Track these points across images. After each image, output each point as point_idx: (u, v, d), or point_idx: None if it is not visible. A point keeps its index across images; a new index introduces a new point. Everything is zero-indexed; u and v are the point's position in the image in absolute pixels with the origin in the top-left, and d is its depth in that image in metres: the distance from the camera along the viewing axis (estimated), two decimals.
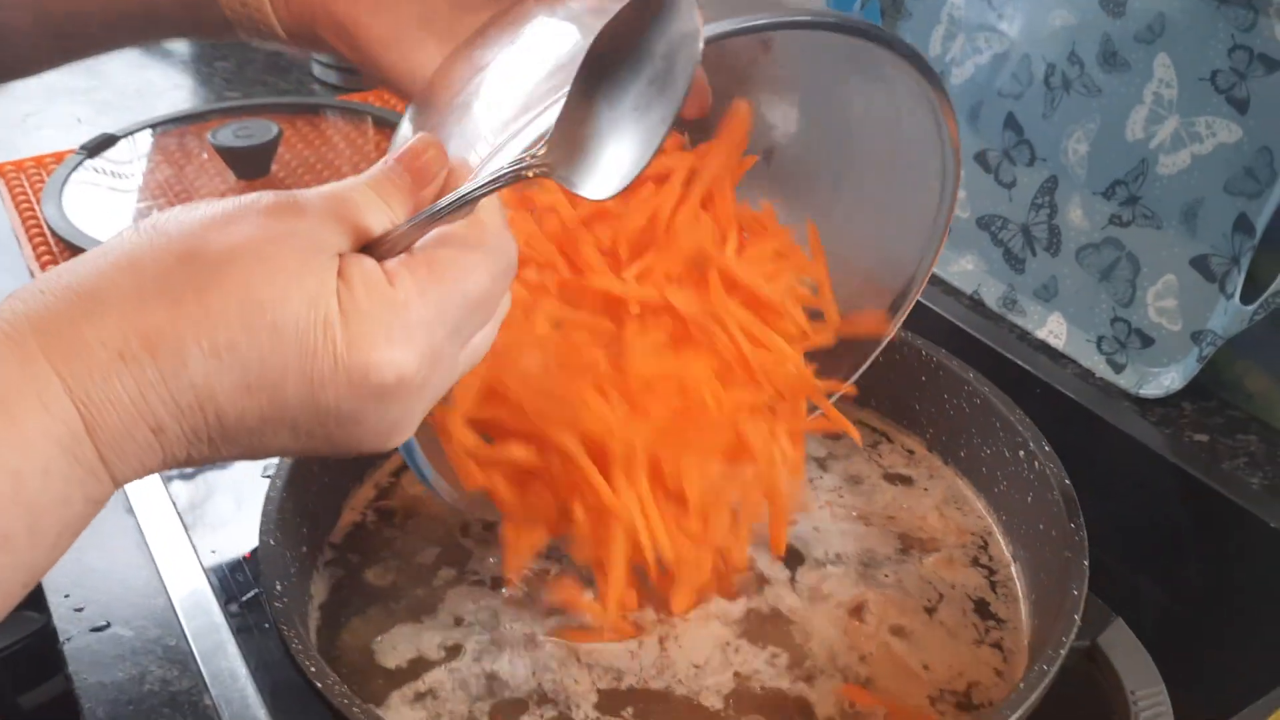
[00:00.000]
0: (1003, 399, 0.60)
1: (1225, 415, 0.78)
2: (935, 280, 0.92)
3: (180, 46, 1.29)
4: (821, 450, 0.67)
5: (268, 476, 0.58)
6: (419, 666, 0.54)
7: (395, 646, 0.55)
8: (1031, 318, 0.86)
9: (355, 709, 0.45)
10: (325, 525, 0.61)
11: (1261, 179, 0.73)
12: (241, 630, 0.59)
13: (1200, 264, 0.77)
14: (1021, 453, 0.58)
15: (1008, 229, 0.88)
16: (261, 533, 0.54)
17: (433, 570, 0.60)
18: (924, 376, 0.65)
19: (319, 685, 0.47)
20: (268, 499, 0.55)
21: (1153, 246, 0.79)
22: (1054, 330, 0.85)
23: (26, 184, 0.99)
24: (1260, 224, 0.73)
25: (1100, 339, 0.82)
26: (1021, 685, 0.46)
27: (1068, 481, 0.55)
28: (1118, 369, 0.81)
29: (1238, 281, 0.74)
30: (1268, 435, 0.76)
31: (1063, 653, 0.47)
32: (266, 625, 0.59)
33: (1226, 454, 0.75)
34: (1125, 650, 0.49)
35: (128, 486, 0.44)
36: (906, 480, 0.65)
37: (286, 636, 0.49)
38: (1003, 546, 0.60)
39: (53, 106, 1.16)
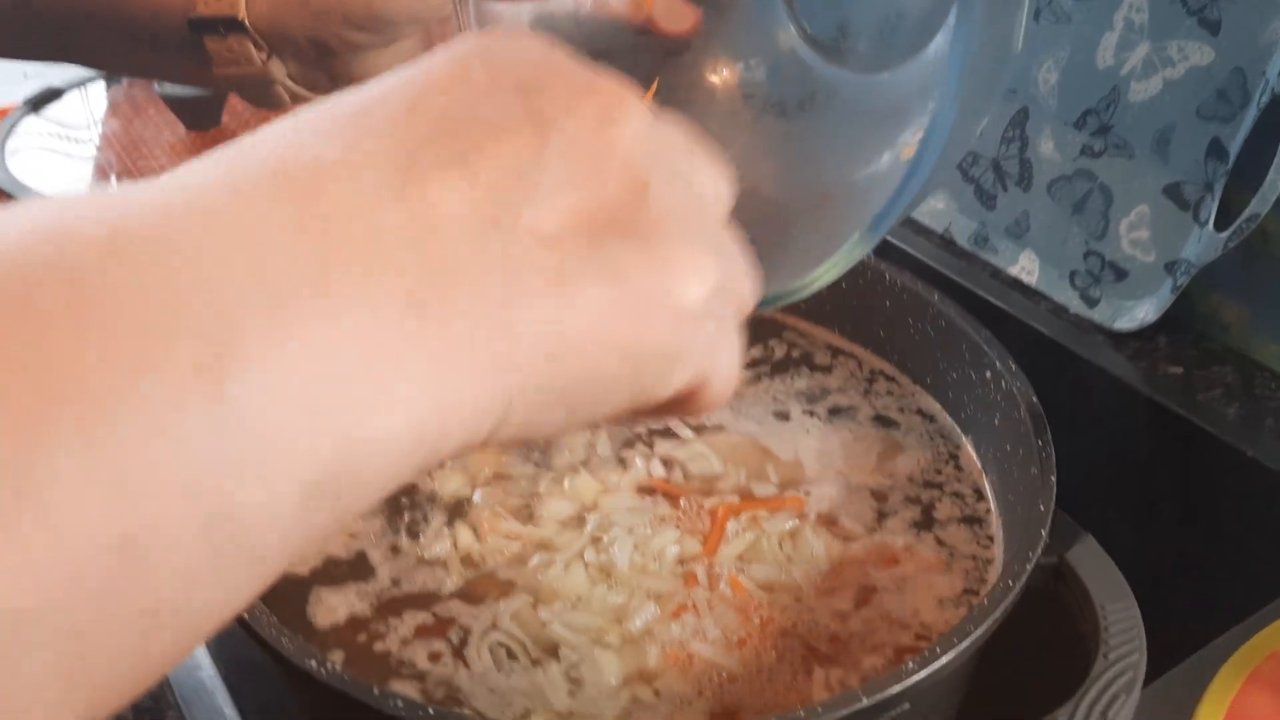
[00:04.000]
0: (968, 319, 0.58)
1: (1200, 348, 0.76)
2: (905, 220, 0.90)
3: None
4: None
5: None
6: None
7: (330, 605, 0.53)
8: (1003, 255, 0.84)
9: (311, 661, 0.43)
10: None
11: (1234, 101, 0.71)
12: None
13: (1173, 192, 0.75)
14: (988, 373, 0.56)
15: (978, 165, 0.86)
16: None
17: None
18: (888, 301, 0.63)
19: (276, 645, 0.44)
20: None
21: (1125, 176, 0.77)
22: (1026, 267, 0.83)
23: None
24: (1234, 148, 0.71)
25: (1073, 274, 0.80)
26: (985, 601, 0.45)
27: (1035, 399, 0.53)
28: (1091, 303, 0.79)
29: (1211, 208, 0.72)
30: (1243, 367, 0.75)
31: (1029, 568, 0.45)
32: None
33: (1202, 385, 0.73)
34: (1095, 566, 0.47)
35: None
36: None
37: None
38: (977, 464, 0.58)
39: None
